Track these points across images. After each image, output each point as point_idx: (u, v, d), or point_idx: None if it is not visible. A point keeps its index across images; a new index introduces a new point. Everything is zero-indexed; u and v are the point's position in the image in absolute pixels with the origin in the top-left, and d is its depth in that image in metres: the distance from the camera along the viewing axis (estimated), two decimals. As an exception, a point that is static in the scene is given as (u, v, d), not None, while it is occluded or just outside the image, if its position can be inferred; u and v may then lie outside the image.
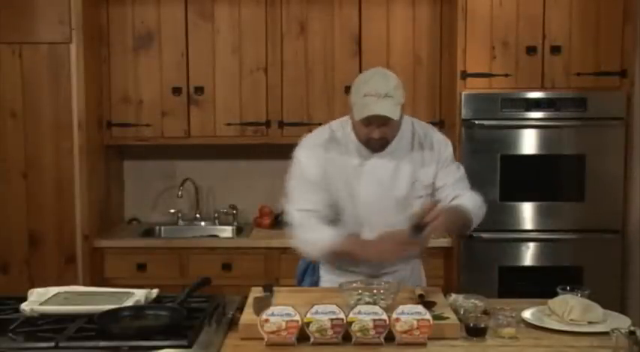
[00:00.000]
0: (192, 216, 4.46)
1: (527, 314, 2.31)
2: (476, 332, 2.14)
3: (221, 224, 4.41)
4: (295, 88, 4.11)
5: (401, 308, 2.10)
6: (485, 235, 3.76)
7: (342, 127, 2.62)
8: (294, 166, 2.63)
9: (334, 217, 2.61)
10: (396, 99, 2.43)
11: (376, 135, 2.48)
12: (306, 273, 2.82)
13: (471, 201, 2.56)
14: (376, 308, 2.11)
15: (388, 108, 2.41)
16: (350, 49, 4.08)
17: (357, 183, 2.58)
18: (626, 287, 3.87)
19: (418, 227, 2.35)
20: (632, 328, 1.98)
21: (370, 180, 2.57)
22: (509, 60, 3.80)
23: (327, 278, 2.74)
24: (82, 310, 2.26)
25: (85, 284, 3.53)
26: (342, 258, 2.58)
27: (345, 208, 2.60)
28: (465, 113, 3.80)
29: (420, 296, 2.36)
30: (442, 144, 2.65)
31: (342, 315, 2.09)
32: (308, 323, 2.08)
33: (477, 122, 3.78)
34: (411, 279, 2.72)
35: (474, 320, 2.16)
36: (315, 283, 2.78)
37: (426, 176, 2.61)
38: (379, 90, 2.40)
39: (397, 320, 2.08)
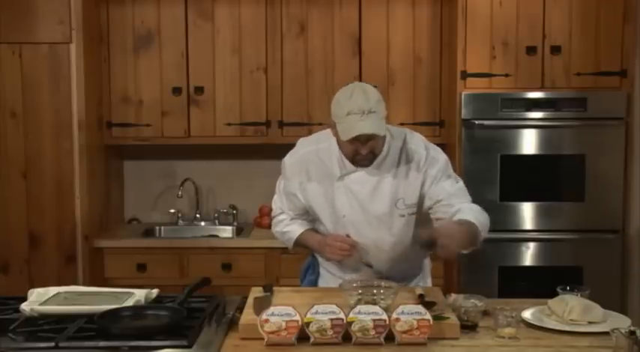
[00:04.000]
0: (192, 216, 4.46)
1: (527, 314, 2.31)
2: (468, 326, 2.18)
3: (221, 224, 4.41)
4: (295, 88, 4.11)
5: (401, 308, 2.10)
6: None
7: (328, 138, 2.57)
8: (282, 168, 2.71)
9: (311, 219, 2.71)
10: (379, 114, 2.38)
11: (364, 151, 2.43)
12: (307, 272, 2.85)
13: (474, 213, 2.45)
14: (376, 308, 2.11)
15: (374, 125, 2.36)
16: (350, 49, 4.08)
17: (336, 196, 2.57)
18: (626, 287, 3.87)
19: (428, 245, 2.31)
20: (632, 328, 1.98)
21: (349, 195, 2.56)
22: (509, 60, 3.81)
23: (327, 276, 2.76)
24: (82, 310, 2.26)
25: (85, 284, 3.53)
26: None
27: (325, 220, 2.63)
28: (465, 113, 3.80)
29: (420, 296, 2.36)
30: (431, 161, 2.54)
31: (342, 315, 2.09)
32: (308, 323, 2.08)
33: (477, 122, 3.78)
34: (416, 279, 2.75)
35: (467, 315, 2.20)
36: (315, 281, 2.80)
37: (410, 195, 2.54)
38: (362, 107, 2.35)
39: (397, 320, 2.08)
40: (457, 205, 2.49)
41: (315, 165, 2.59)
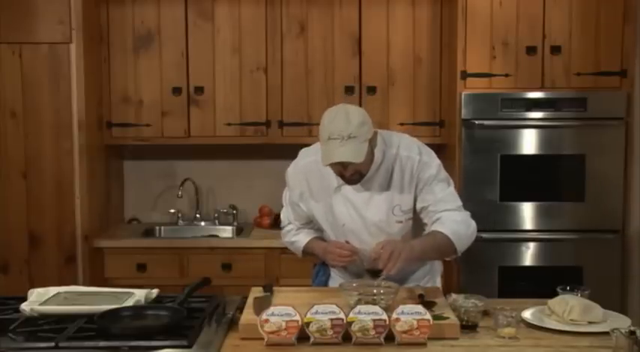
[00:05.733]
0: (192, 216, 4.46)
1: (527, 314, 2.31)
2: (468, 327, 2.18)
3: (221, 224, 4.41)
4: (295, 88, 4.11)
5: (401, 308, 2.10)
6: (485, 235, 3.74)
7: None
8: (286, 179, 2.74)
9: (317, 227, 2.74)
10: (360, 138, 2.38)
11: (348, 174, 2.47)
12: (319, 273, 2.88)
13: (450, 224, 2.49)
14: (376, 308, 2.11)
15: (352, 152, 2.37)
16: (350, 49, 4.08)
17: (335, 206, 2.60)
18: (626, 287, 3.87)
19: (374, 272, 2.37)
20: (632, 328, 1.98)
21: (347, 204, 2.59)
22: (509, 60, 3.80)
23: (337, 278, 2.78)
24: (82, 310, 2.26)
25: (85, 284, 3.53)
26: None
27: (327, 228, 2.67)
28: (465, 113, 3.80)
29: (420, 296, 2.36)
30: (423, 166, 2.55)
31: (342, 315, 2.09)
32: (308, 323, 2.08)
33: (477, 122, 3.78)
34: (425, 279, 2.78)
35: (468, 316, 2.19)
36: (325, 282, 2.84)
37: (405, 201, 2.57)
38: (342, 132, 2.36)
39: (397, 320, 2.08)
40: (440, 213, 2.52)
41: (314, 176, 2.63)
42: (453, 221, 2.52)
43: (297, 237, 2.77)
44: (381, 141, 2.54)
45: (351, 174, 2.47)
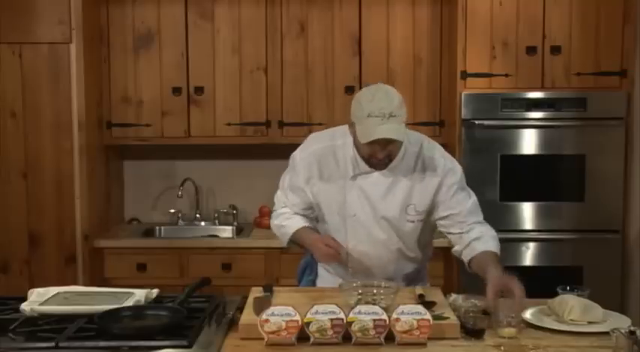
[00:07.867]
0: (192, 216, 4.46)
1: (527, 314, 2.31)
2: (474, 333, 2.14)
3: (221, 224, 4.41)
4: (295, 88, 4.11)
5: (401, 308, 2.10)
6: (485, 235, 3.75)
7: (343, 135, 2.54)
8: (290, 162, 2.66)
9: (314, 216, 2.67)
10: (400, 118, 2.35)
11: (381, 155, 2.41)
12: (305, 272, 2.83)
13: (493, 242, 2.54)
14: (376, 308, 2.11)
15: (394, 130, 2.33)
16: (350, 49, 4.08)
17: (347, 195, 2.54)
18: (626, 287, 3.87)
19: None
20: (632, 328, 1.98)
21: (360, 195, 2.53)
22: (509, 60, 3.81)
23: (325, 277, 2.75)
24: (82, 310, 2.26)
25: (85, 284, 3.53)
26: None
27: (331, 217, 2.60)
28: (465, 113, 3.80)
29: (420, 296, 2.36)
30: (447, 172, 2.52)
31: (342, 315, 2.09)
32: (308, 323, 2.08)
33: (477, 122, 3.78)
34: (415, 280, 2.74)
35: (473, 320, 2.16)
36: (313, 281, 2.79)
37: (421, 202, 2.53)
38: (383, 110, 2.31)
39: (397, 320, 2.08)
40: (472, 225, 2.53)
41: (327, 162, 2.56)
42: (491, 237, 2.55)
43: (287, 222, 2.65)
44: (404, 138, 2.46)
45: (384, 156, 2.41)
